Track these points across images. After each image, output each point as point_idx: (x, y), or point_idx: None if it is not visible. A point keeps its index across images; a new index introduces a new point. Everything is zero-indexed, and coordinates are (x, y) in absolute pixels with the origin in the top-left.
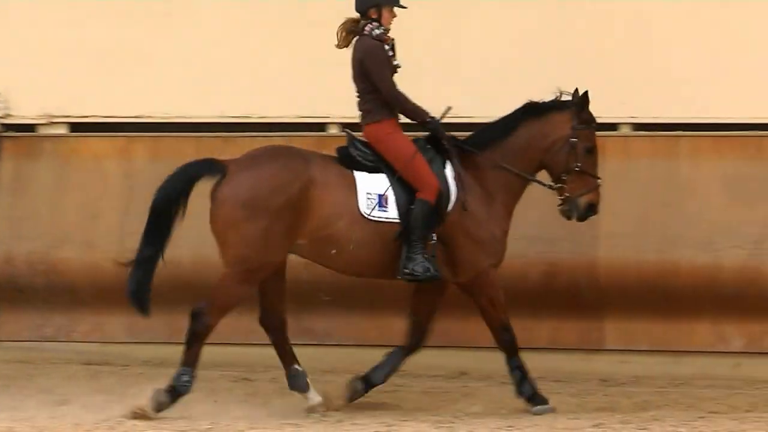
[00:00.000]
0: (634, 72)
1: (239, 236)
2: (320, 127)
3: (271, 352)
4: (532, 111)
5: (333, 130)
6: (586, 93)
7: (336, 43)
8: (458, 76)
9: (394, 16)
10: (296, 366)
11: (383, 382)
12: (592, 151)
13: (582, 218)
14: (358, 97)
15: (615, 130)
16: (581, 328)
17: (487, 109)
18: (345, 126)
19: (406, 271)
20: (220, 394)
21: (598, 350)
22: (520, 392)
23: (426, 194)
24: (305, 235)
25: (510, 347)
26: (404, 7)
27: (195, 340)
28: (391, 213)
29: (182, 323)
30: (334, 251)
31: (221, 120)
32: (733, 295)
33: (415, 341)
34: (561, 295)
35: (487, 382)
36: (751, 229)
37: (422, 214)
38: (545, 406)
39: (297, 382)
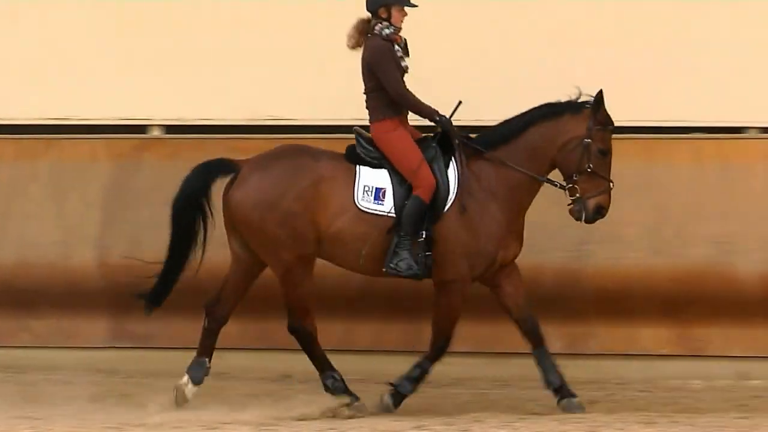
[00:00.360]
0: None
1: (265, 239)
2: (142, 129)
3: None
4: (547, 110)
5: (156, 132)
6: (601, 94)
7: (347, 43)
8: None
9: (405, 15)
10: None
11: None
12: (605, 154)
13: (590, 220)
14: (365, 95)
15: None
16: (403, 330)
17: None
18: (168, 128)
19: (391, 265)
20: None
21: (421, 352)
22: (400, 386)
23: (421, 191)
24: (323, 231)
25: (436, 353)
26: (415, 6)
27: (311, 348)
28: (387, 206)
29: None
30: (338, 247)
31: (41, 122)
32: (553, 297)
33: (535, 333)
34: (383, 299)
35: (310, 385)
36: (572, 231)
37: (414, 210)
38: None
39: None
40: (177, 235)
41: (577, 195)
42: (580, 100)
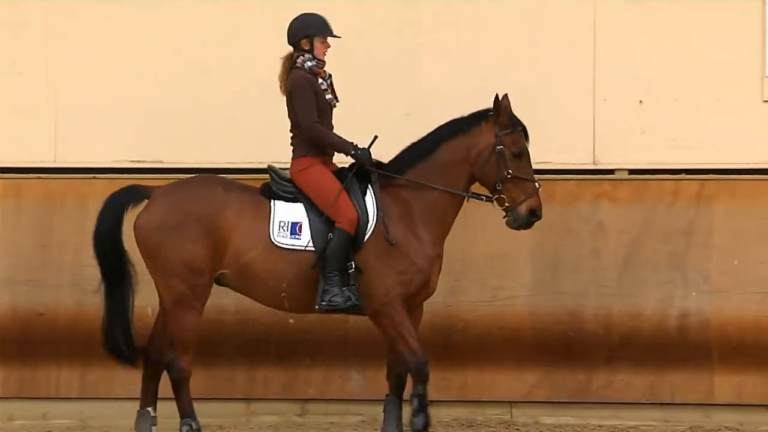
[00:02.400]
0: None
1: (159, 265)
2: None
3: None
4: (452, 126)
5: None
6: (499, 98)
7: (280, 88)
8: None
9: (328, 46)
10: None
11: None
12: (521, 156)
13: (526, 226)
14: (290, 131)
15: None
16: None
17: None
18: None
19: (323, 303)
20: None
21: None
22: (413, 423)
23: (344, 224)
24: (226, 264)
25: (419, 374)
26: (338, 37)
27: (178, 388)
28: (304, 241)
29: None
30: (252, 282)
31: None
32: None
33: (398, 381)
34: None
35: None
36: None
37: (339, 244)
38: None
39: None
40: (107, 275)
41: (506, 204)
42: (480, 110)
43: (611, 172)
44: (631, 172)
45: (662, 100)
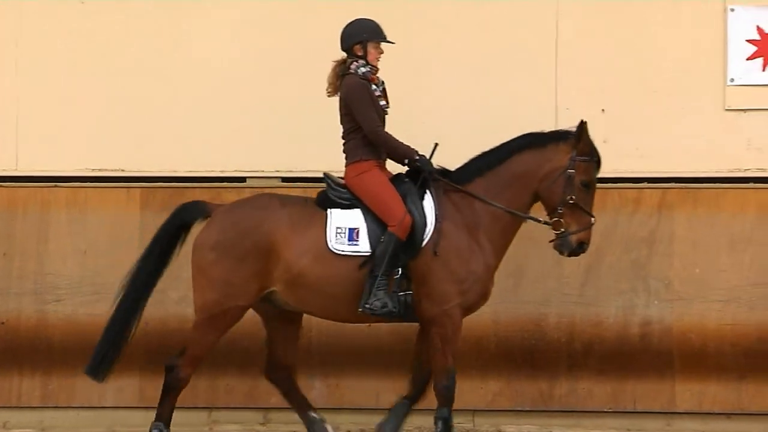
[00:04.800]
0: None
1: (205, 281)
2: None
3: None
4: (530, 139)
5: None
6: (583, 124)
7: (327, 90)
8: None
9: (381, 52)
10: (312, 413)
11: None
12: (589, 186)
13: (572, 255)
14: (342, 137)
15: None
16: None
17: None
18: None
19: (367, 305)
20: None
21: None
22: None
23: (396, 229)
24: (277, 280)
25: (445, 396)
26: (392, 42)
27: (168, 393)
28: (362, 247)
29: None
30: (308, 292)
31: None
32: None
33: (420, 389)
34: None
35: None
36: None
37: (388, 248)
38: None
39: (316, 428)
40: (137, 281)
41: (561, 229)
42: (563, 130)
43: None
44: None
45: (624, 109)
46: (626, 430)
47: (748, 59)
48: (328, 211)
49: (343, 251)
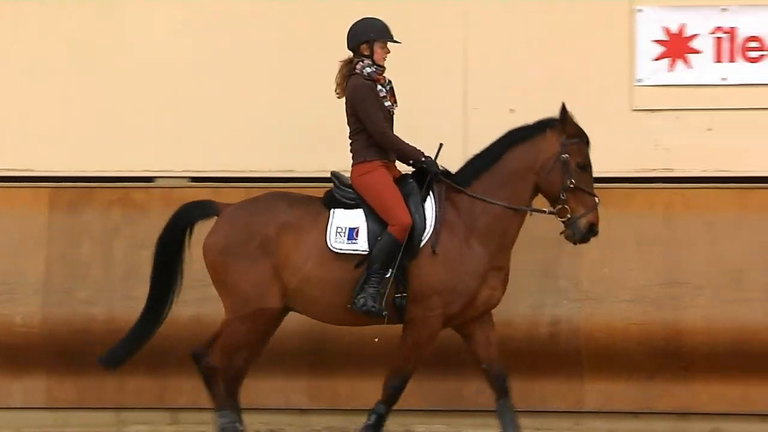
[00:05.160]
0: None
1: (224, 284)
2: None
3: None
4: (516, 135)
5: None
6: (564, 107)
7: (335, 91)
8: None
9: (388, 52)
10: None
11: None
12: (585, 168)
13: (585, 241)
14: (349, 138)
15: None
16: None
17: None
18: None
19: (354, 301)
20: None
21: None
22: None
23: (394, 229)
24: (287, 282)
25: (391, 395)
26: (398, 42)
27: (208, 382)
28: (360, 245)
29: None
30: (311, 294)
31: None
32: None
33: (502, 384)
34: None
35: None
36: None
37: (386, 247)
38: None
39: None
40: (155, 285)
41: (568, 216)
42: (546, 119)
43: None
44: None
45: (533, 109)
46: (535, 429)
47: (655, 59)
48: (332, 210)
49: (341, 250)
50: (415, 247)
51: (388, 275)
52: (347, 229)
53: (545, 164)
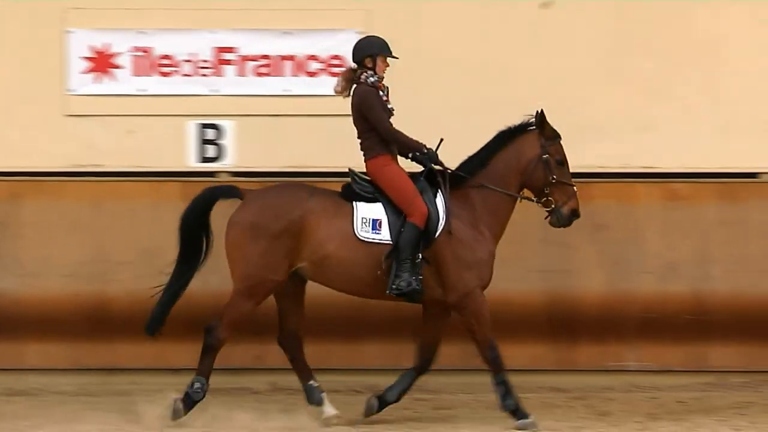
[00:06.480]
0: None
1: (242, 256)
2: None
3: None
4: (503, 138)
5: None
6: (541, 112)
7: (335, 87)
8: None
9: (388, 65)
10: (312, 382)
11: (397, 401)
12: (562, 163)
13: (568, 224)
14: (359, 137)
15: None
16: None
17: None
18: None
19: (394, 287)
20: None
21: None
22: (504, 406)
23: (415, 219)
24: (305, 258)
25: (495, 364)
26: (396, 57)
27: (207, 352)
28: (384, 235)
29: None
30: (332, 271)
31: None
32: None
33: (425, 362)
34: None
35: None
36: None
37: (410, 236)
38: (527, 420)
39: (314, 396)
40: (184, 250)
41: (552, 206)
42: (523, 123)
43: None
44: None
45: None
46: None
47: (83, 73)
48: (354, 203)
49: (368, 238)
50: (431, 234)
51: (418, 260)
52: (371, 220)
53: (529, 165)
